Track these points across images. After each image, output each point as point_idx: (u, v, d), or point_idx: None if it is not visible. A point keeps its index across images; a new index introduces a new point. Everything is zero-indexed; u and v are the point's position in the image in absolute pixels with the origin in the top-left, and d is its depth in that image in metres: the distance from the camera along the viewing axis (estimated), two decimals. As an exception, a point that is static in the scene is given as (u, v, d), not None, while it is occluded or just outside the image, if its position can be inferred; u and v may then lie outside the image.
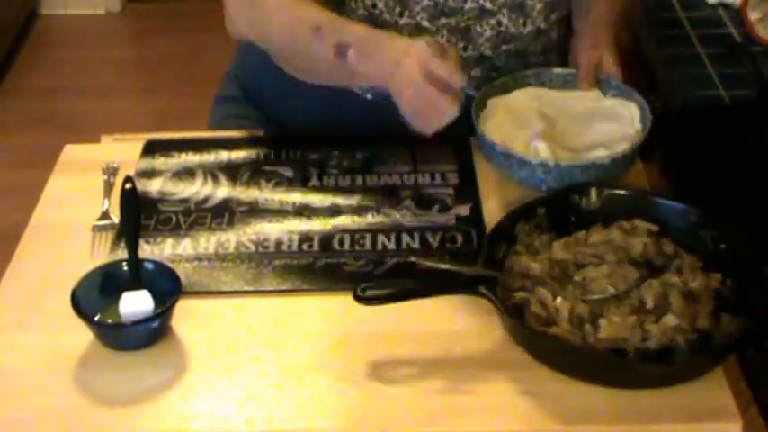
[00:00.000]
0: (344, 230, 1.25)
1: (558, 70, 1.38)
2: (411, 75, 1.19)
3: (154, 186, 1.33)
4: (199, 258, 1.21)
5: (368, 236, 1.24)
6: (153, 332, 1.10)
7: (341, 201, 1.30)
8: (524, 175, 1.23)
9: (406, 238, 1.23)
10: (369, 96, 1.33)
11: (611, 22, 1.43)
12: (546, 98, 1.35)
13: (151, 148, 1.40)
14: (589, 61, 1.37)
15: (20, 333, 1.13)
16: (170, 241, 1.24)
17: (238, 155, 1.39)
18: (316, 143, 1.40)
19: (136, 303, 1.10)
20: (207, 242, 1.24)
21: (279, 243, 1.23)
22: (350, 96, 1.37)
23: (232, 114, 1.59)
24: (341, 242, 1.23)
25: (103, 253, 1.22)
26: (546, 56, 1.45)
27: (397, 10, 1.36)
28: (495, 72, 1.42)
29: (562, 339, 1.05)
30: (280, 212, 1.28)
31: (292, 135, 1.50)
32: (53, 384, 1.06)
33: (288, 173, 1.35)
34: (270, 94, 1.53)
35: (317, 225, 1.26)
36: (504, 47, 1.40)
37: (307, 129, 1.49)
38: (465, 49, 1.38)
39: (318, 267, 1.19)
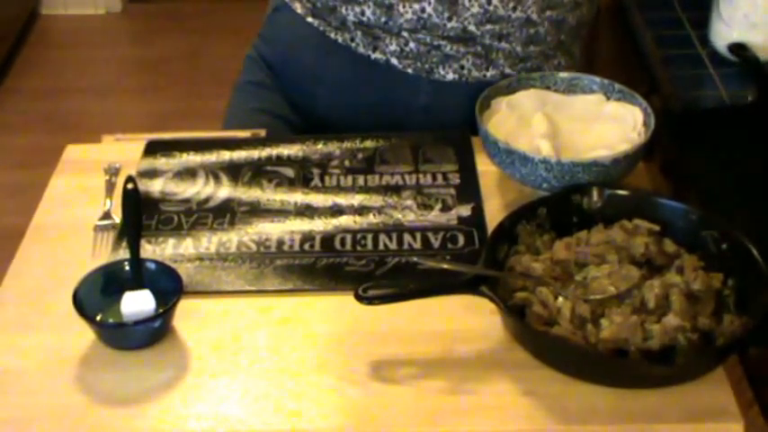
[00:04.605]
0: (346, 230, 1.25)
1: (563, 75, 1.38)
2: None
3: (155, 186, 1.33)
4: (200, 258, 1.21)
5: (369, 236, 1.24)
6: (154, 332, 1.10)
7: (342, 201, 1.30)
8: (526, 172, 1.23)
9: (407, 238, 1.24)
10: None
11: None
12: (549, 100, 1.35)
13: (153, 148, 1.40)
14: None
15: (22, 333, 1.13)
16: (172, 241, 1.24)
17: (240, 155, 1.39)
18: (317, 143, 1.40)
19: (137, 303, 1.10)
20: (208, 242, 1.24)
21: (280, 243, 1.23)
22: (388, 75, 1.44)
23: (251, 107, 1.60)
24: (342, 242, 1.23)
25: (105, 253, 1.23)
26: (528, 48, 1.46)
27: None
28: (479, 47, 1.44)
29: (564, 339, 1.05)
30: (281, 212, 1.28)
31: (295, 135, 1.51)
32: (55, 384, 1.07)
33: (289, 173, 1.35)
34: (302, 73, 1.55)
35: (319, 225, 1.26)
36: (488, 26, 1.42)
37: (337, 111, 1.53)
38: (450, 19, 1.41)
39: (320, 267, 1.20)
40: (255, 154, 1.39)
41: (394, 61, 1.47)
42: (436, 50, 1.44)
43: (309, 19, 1.51)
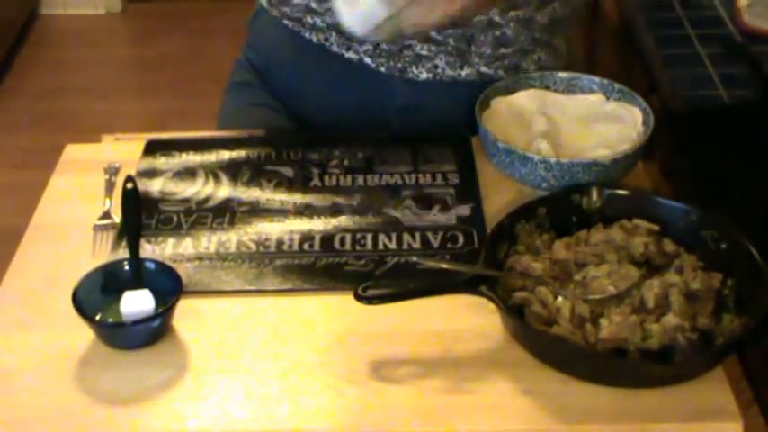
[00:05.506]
0: (345, 230, 1.25)
1: (562, 74, 1.38)
2: None
3: (155, 186, 1.33)
4: (200, 258, 1.21)
5: (369, 236, 1.24)
6: (154, 331, 1.10)
7: (342, 200, 1.30)
8: (525, 172, 1.23)
9: (407, 237, 1.24)
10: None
11: None
12: (549, 100, 1.36)
13: (152, 148, 1.40)
14: None
15: (21, 333, 1.13)
16: (171, 241, 1.24)
17: (239, 155, 1.39)
18: (317, 143, 1.40)
19: (137, 303, 1.10)
20: (208, 242, 1.24)
21: (280, 243, 1.23)
22: (363, 74, 1.43)
23: (244, 103, 1.60)
24: (342, 242, 1.23)
25: (105, 252, 1.23)
26: (499, 50, 1.44)
27: None
28: (450, 48, 1.42)
29: (563, 339, 1.05)
30: (281, 212, 1.28)
31: (294, 135, 1.51)
32: (54, 384, 1.06)
33: (289, 173, 1.35)
34: (285, 75, 1.55)
35: (318, 225, 1.26)
36: (450, 30, 1.39)
37: (320, 111, 1.52)
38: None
39: (319, 267, 1.20)
40: (255, 154, 1.39)
41: (367, 60, 1.46)
42: (408, 50, 1.43)
43: (285, 21, 1.51)
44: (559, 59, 1.52)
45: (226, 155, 1.39)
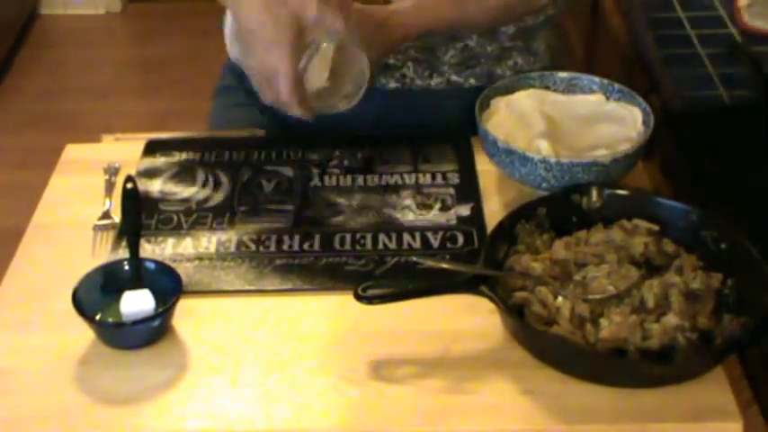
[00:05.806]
0: (345, 230, 1.25)
1: (562, 74, 1.38)
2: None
3: (155, 186, 1.33)
4: (200, 258, 1.21)
5: (369, 236, 1.24)
6: (154, 331, 1.10)
7: (342, 200, 1.30)
8: (525, 172, 1.23)
9: (407, 237, 1.24)
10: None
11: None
12: (549, 100, 1.35)
13: (152, 148, 1.40)
14: None
15: (21, 332, 1.13)
16: (171, 241, 1.24)
17: (239, 154, 1.39)
18: (317, 143, 1.40)
19: (137, 303, 1.10)
20: (208, 242, 1.24)
21: (280, 243, 1.23)
22: None
23: (233, 103, 1.60)
24: (342, 242, 1.23)
25: (105, 252, 1.23)
26: (467, 61, 1.43)
27: None
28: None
29: (563, 339, 1.05)
30: (281, 212, 1.28)
31: (293, 135, 1.51)
32: (54, 383, 1.07)
33: (289, 172, 1.35)
34: None
35: (318, 225, 1.26)
36: (409, 42, 1.39)
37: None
38: None
39: (319, 267, 1.20)
40: (255, 153, 1.39)
41: None
42: None
43: None
44: (539, 62, 1.52)
45: (225, 155, 1.39)
